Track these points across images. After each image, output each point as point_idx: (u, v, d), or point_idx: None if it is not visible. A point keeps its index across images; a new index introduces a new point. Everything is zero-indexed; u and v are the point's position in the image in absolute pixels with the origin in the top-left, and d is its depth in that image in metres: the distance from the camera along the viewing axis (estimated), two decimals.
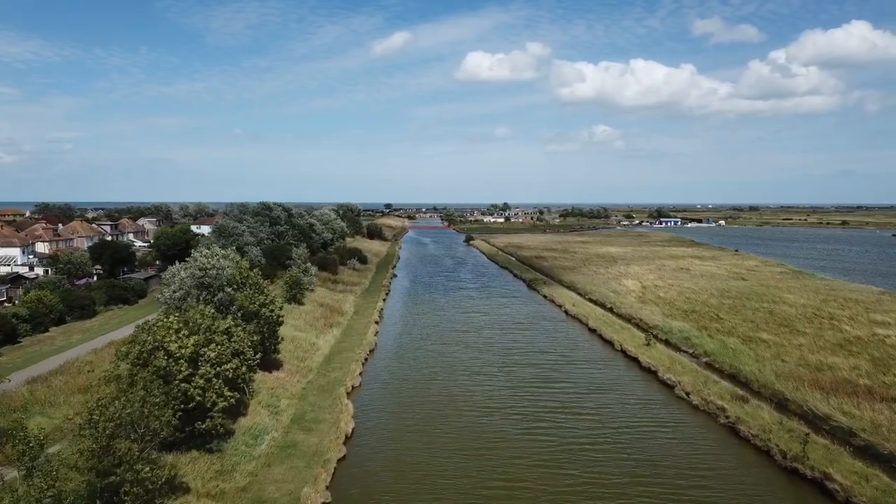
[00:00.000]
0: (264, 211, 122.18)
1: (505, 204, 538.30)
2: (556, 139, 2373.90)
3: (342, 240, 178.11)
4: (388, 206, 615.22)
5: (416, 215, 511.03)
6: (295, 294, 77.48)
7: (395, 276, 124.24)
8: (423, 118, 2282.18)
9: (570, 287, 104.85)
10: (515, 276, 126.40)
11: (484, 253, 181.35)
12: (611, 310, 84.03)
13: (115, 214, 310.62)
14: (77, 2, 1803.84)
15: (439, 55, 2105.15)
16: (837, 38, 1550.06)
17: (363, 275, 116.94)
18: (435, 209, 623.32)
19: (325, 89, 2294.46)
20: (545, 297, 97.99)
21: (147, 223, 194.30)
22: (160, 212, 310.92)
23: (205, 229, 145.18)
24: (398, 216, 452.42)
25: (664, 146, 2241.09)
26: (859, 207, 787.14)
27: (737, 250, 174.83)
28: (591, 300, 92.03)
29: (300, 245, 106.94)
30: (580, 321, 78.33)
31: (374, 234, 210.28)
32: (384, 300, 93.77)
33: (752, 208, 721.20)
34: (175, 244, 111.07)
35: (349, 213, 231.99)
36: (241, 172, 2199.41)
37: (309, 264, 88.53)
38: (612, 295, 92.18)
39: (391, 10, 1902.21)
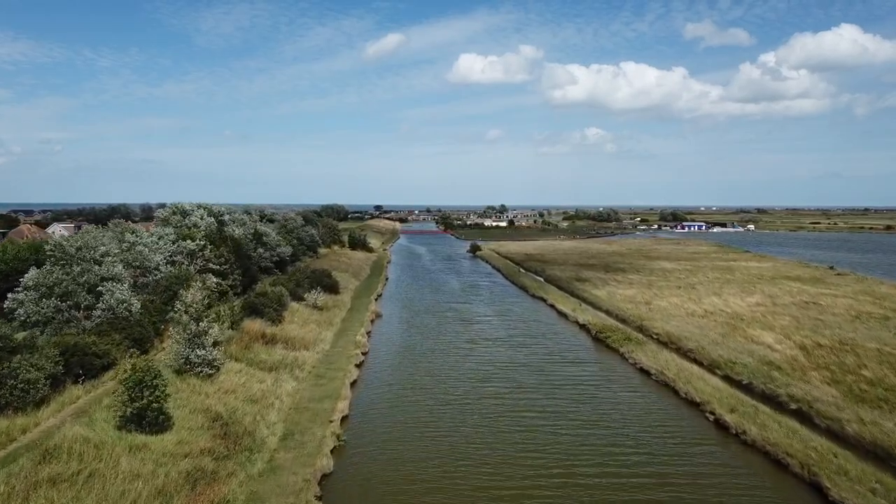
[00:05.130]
0: (175, 216, 79.15)
1: (502, 206, 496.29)
2: (547, 141, 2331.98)
3: (313, 253, 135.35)
4: (378, 207, 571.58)
5: (409, 217, 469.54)
6: (143, 410, 34.17)
7: (378, 316, 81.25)
8: (415, 119, 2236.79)
9: (673, 346, 62.35)
10: (561, 314, 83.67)
11: (499, 270, 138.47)
12: (809, 420, 41.51)
13: (60, 217, 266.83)
14: (65, 3, 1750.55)
15: (430, 58, 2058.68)
16: (827, 42, 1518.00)
17: (327, 317, 73.86)
18: (428, 211, 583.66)
19: (316, 91, 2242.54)
20: (646, 371, 54.95)
21: (61, 230, 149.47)
22: (117, 213, 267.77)
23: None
24: (389, 219, 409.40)
25: (655, 148, 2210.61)
26: (866, 210, 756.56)
27: (831, 266, 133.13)
28: (739, 384, 49.41)
29: (209, 277, 63.75)
30: (782, 464, 35.49)
31: (357, 243, 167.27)
32: (353, 384, 50.78)
33: (760, 210, 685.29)
34: (15, 270, 67.77)
35: (323, 219, 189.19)
36: (232, 173, 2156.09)
37: (203, 324, 45.19)
38: (777, 375, 49.76)
39: (381, 12, 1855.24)
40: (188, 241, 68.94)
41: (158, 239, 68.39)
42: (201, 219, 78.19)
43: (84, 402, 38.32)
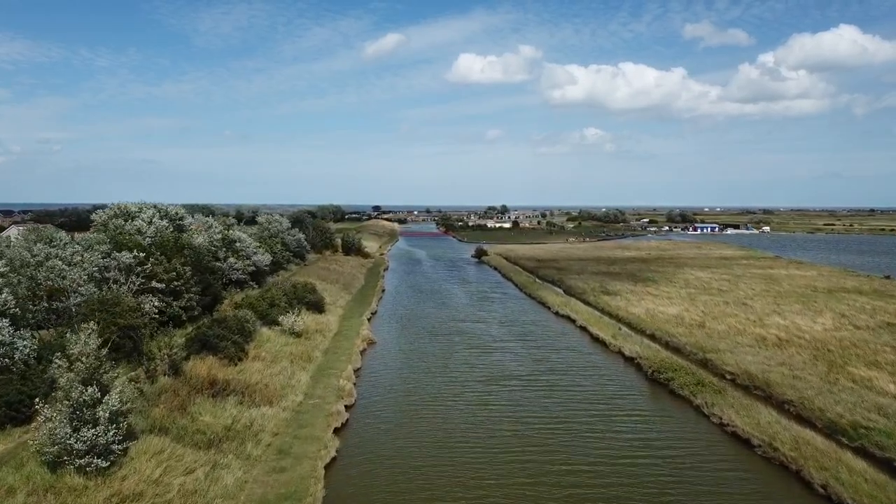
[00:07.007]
0: (116, 219, 63.68)
1: (504, 206, 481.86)
2: (546, 141, 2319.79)
3: (300, 260, 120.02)
4: (376, 208, 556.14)
5: (408, 218, 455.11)
6: None
7: (371, 343, 65.71)
8: (414, 119, 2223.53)
9: (759, 391, 46.96)
10: (596, 339, 68.12)
11: (510, 278, 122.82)
12: None
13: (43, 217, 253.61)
14: (63, 3, 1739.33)
15: (429, 58, 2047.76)
16: (826, 42, 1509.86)
17: (306, 348, 58.19)
18: (428, 211, 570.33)
19: (315, 91, 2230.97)
20: (743, 439, 39.49)
21: (16, 231, 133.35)
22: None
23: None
24: (387, 220, 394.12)
25: (655, 148, 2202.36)
26: (872, 210, 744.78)
27: (887, 276, 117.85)
28: (888, 465, 34.08)
29: (149, 299, 48.21)
30: None
31: (352, 247, 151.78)
32: (329, 465, 35.22)
33: (766, 211, 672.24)
34: None
35: (316, 220, 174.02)
36: (232, 173, 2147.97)
37: (91, 390, 29.62)
38: None
39: (379, 13, 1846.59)
40: (124, 252, 53.39)
41: (86, 249, 52.87)
42: (148, 223, 62.70)
43: None
